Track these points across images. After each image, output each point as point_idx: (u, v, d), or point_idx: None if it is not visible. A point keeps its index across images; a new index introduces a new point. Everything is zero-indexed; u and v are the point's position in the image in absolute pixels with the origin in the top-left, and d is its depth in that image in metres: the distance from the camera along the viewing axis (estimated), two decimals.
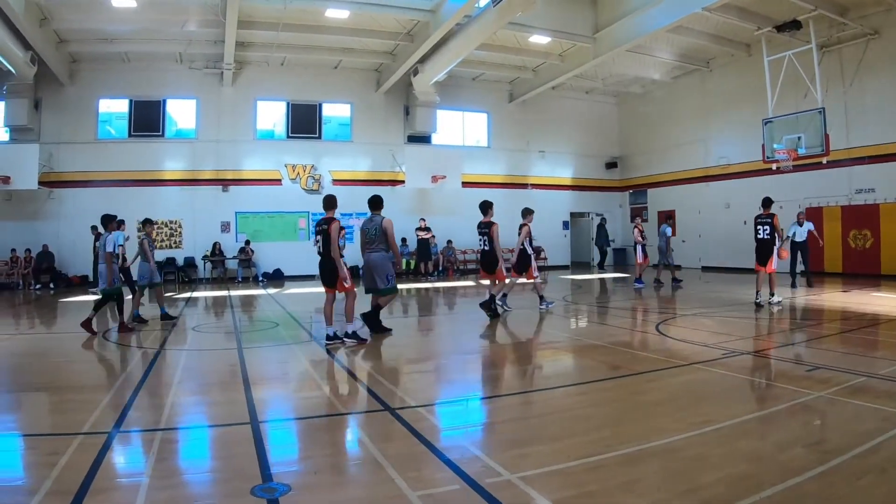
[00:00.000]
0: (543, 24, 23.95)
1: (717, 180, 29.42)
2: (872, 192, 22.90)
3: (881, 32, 22.21)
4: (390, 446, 5.54)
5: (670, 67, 29.98)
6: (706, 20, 23.12)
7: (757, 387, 7.73)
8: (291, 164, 27.82)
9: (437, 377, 9.03)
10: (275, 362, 10.07)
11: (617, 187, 36.01)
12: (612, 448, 5.35)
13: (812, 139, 21.03)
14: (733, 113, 28.01)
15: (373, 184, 27.95)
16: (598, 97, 34.72)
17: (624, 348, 10.75)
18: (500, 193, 28.48)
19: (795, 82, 22.13)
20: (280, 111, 28.13)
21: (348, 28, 23.82)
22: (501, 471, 4.84)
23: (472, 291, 21.83)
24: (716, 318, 14.33)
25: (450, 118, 31.01)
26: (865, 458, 5.02)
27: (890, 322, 12.93)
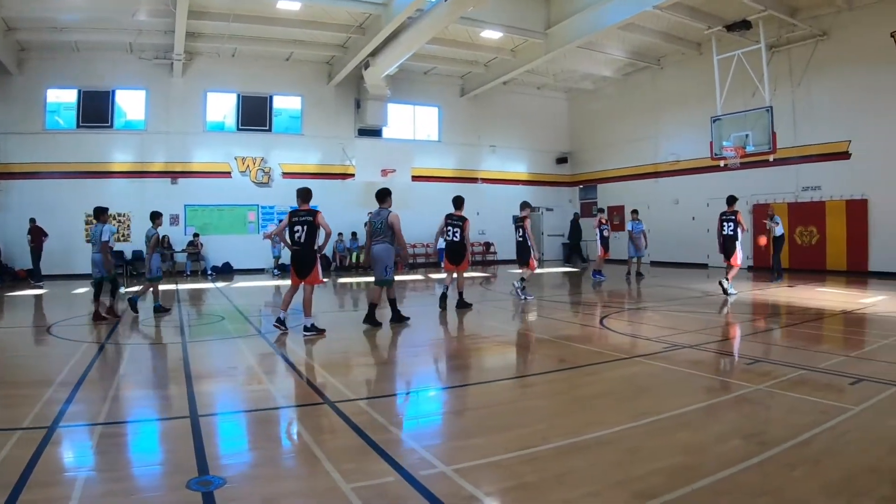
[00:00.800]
0: (495, 20, 23.94)
1: (666, 176, 29.70)
2: (818, 189, 23.24)
3: (830, 34, 22.50)
4: (327, 439, 5.52)
5: (621, 64, 30.14)
6: (658, 18, 23.29)
7: (697, 380, 7.75)
8: (241, 157, 27.46)
9: (380, 371, 8.99)
10: (219, 356, 9.98)
11: (567, 182, 36.19)
12: (549, 440, 5.36)
13: (760, 137, 21.28)
14: (683, 110, 28.25)
15: (323, 177, 27.94)
16: (549, 93, 34.81)
17: (568, 342, 10.75)
18: (450, 187, 28.58)
19: (744, 81, 22.39)
20: (230, 103, 27.73)
21: (300, 20, 23.56)
22: (437, 463, 4.84)
23: (422, 285, 21.78)
24: (661, 312, 14.43)
25: (401, 112, 30.89)
26: (800, 450, 5.08)
27: (832, 317, 13.14)
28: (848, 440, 5.35)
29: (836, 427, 5.62)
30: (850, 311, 13.64)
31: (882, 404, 6.31)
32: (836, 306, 14.46)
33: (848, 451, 5.08)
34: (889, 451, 5.07)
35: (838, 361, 8.39)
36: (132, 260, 25.03)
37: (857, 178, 21.94)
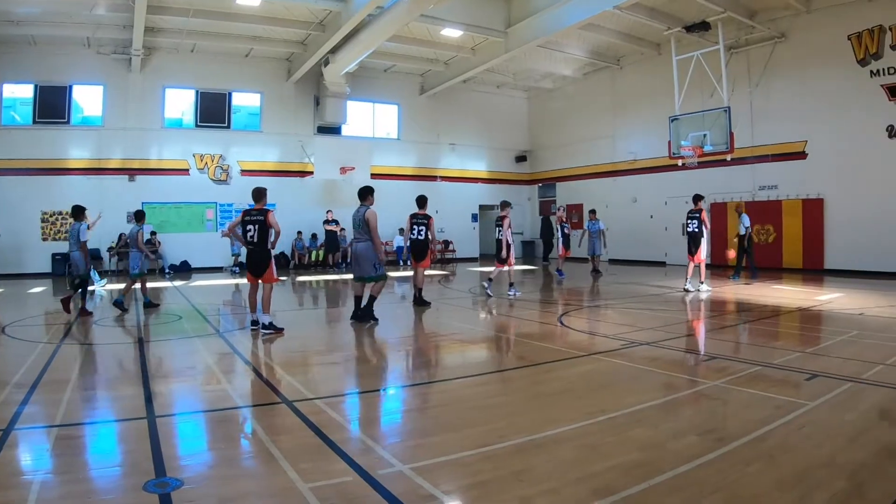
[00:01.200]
0: (456, 18, 23.87)
1: (624, 175, 29.87)
2: (775, 188, 23.56)
3: (788, 36, 22.81)
4: (285, 439, 5.44)
5: (581, 64, 30.24)
6: (617, 19, 23.41)
7: (654, 376, 7.75)
8: (199, 154, 27.09)
9: (338, 369, 8.87)
10: (176, 356, 9.81)
11: (526, 181, 36.28)
12: (508, 438, 5.35)
13: (717, 137, 21.49)
14: (642, 110, 28.44)
15: (281, 175, 27.77)
16: (508, 91, 34.88)
17: (527, 339, 10.82)
18: (409, 185, 28.66)
19: (703, 81, 22.59)
20: (189, 99, 27.34)
21: (260, 16, 23.31)
22: (395, 462, 4.81)
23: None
24: (619, 309, 14.51)
25: (360, 109, 30.73)
26: (756, 446, 5.11)
27: (789, 314, 13.27)
28: (803, 435, 5.39)
29: (792, 422, 5.67)
30: (805, 308, 13.82)
31: (837, 399, 6.38)
32: (793, 303, 14.62)
33: (803, 446, 5.12)
34: (844, 446, 5.11)
35: (794, 357, 8.48)
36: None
37: (813, 178, 22.27)
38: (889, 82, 20.14)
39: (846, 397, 6.48)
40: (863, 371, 7.52)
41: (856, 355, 8.53)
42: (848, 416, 5.88)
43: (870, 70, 20.58)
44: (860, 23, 20.69)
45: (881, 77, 20.33)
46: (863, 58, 20.70)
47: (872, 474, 4.53)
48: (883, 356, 8.30)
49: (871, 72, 20.56)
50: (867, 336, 10.07)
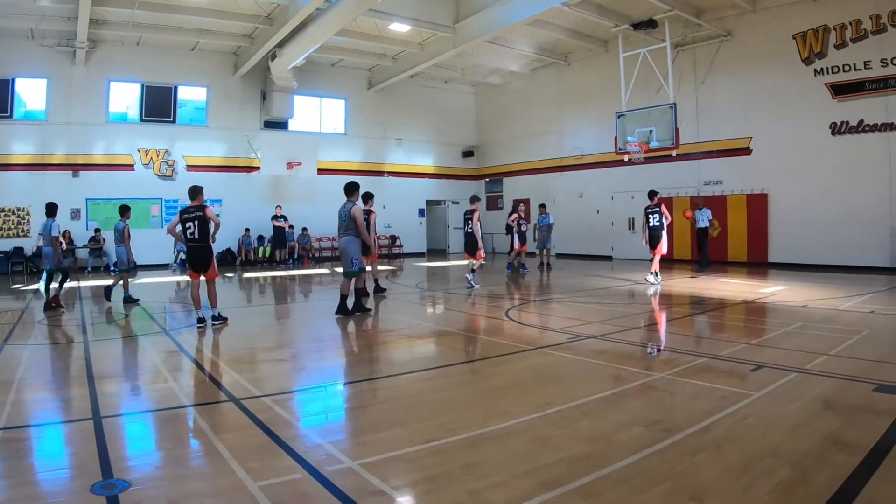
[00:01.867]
0: (404, 12, 23.83)
1: (571, 170, 30.09)
2: (720, 183, 23.87)
3: (734, 34, 23.17)
4: (233, 437, 5.37)
5: (529, 60, 30.36)
6: (565, 15, 23.53)
7: (601, 369, 7.80)
8: (145, 149, 26.60)
9: (286, 366, 8.76)
10: (122, 355, 9.66)
11: (473, 176, 36.35)
12: (456, 432, 5.34)
13: (663, 133, 21.69)
14: (589, 106, 28.65)
15: (228, 170, 27.53)
16: (456, 87, 34.93)
17: (474, 334, 10.86)
18: (356, 180, 28.30)
19: (649, 78, 22.86)
20: (134, 93, 26.84)
21: (206, 9, 22.98)
22: (343, 458, 4.79)
23: (329, 279, 21.54)
24: (567, 303, 14.56)
25: (307, 104, 30.49)
26: (702, 436, 5.18)
27: (733, 306, 13.49)
28: (748, 425, 5.45)
29: (737, 412, 5.74)
30: (750, 301, 14.01)
31: (780, 390, 6.47)
32: (738, 296, 14.82)
33: (748, 436, 5.17)
34: (788, 435, 5.17)
35: (739, 349, 8.59)
36: (32, 256, 23.91)
37: (757, 174, 22.63)
38: (833, 81, 20.53)
39: (790, 387, 6.57)
40: (806, 361, 7.64)
41: (800, 346, 8.65)
42: (792, 405, 5.96)
43: (814, 69, 20.96)
44: (805, 22, 21.08)
45: (825, 76, 20.71)
46: (807, 57, 21.08)
47: (816, 462, 4.58)
48: (826, 347, 8.42)
49: (815, 70, 20.94)
50: (811, 327, 10.21)
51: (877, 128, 19.74)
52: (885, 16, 19.28)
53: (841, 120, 20.46)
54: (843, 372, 7.15)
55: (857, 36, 19.94)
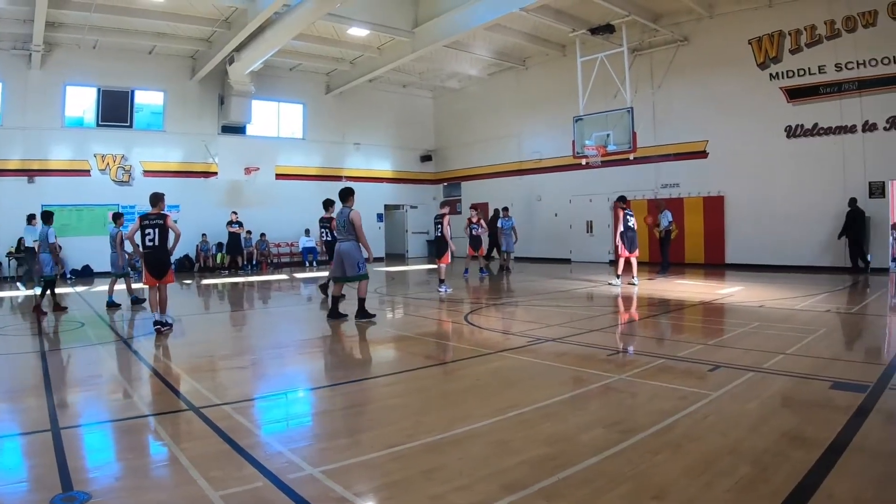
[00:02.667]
0: (363, 17, 23.79)
1: (529, 174, 30.26)
2: (677, 186, 24.17)
3: (691, 39, 23.49)
4: (194, 446, 5.31)
5: (487, 64, 30.44)
6: (524, 20, 23.58)
7: (561, 372, 7.81)
8: (101, 154, 26.22)
9: (245, 374, 8.64)
10: (79, 364, 9.46)
11: (431, 180, 36.42)
12: (417, 437, 5.33)
13: (620, 136, 21.83)
14: (546, 110, 28.80)
15: (185, 175, 27.24)
16: (414, 91, 34.96)
17: (434, 338, 10.85)
18: (314, 186, 28.61)
19: (607, 83, 22.97)
20: (90, 98, 26.45)
21: (164, 12, 22.77)
22: (305, 465, 4.75)
23: (287, 285, 21.41)
24: (526, 306, 14.61)
25: (265, 109, 30.31)
26: (662, 436, 5.22)
27: (692, 307, 13.63)
28: (708, 424, 5.50)
29: (697, 412, 5.79)
30: (708, 302, 14.17)
31: (738, 389, 6.54)
32: (696, 297, 15.00)
33: (708, 435, 5.23)
34: (747, 433, 5.23)
35: (697, 349, 8.68)
36: None
37: (714, 176, 22.97)
38: (788, 85, 20.91)
39: (748, 386, 6.64)
40: (763, 361, 7.72)
41: (757, 346, 8.75)
42: (750, 404, 6.02)
43: (769, 73, 21.36)
44: (761, 28, 21.48)
45: (780, 80, 21.10)
46: (763, 61, 21.45)
47: (775, 459, 4.63)
48: (783, 346, 8.52)
49: (770, 75, 21.34)
50: (767, 327, 10.33)
51: (831, 131, 20.14)
52: (839, 21, 19.69)
53: (796, 123, 20.85)
54: (799, 370, 7.24)
55: (812, 41, 20.32)
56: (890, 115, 19.07)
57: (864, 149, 19.66)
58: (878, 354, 8.90)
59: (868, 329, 10.99)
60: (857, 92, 19.62)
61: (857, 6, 19.40)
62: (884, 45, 18.97)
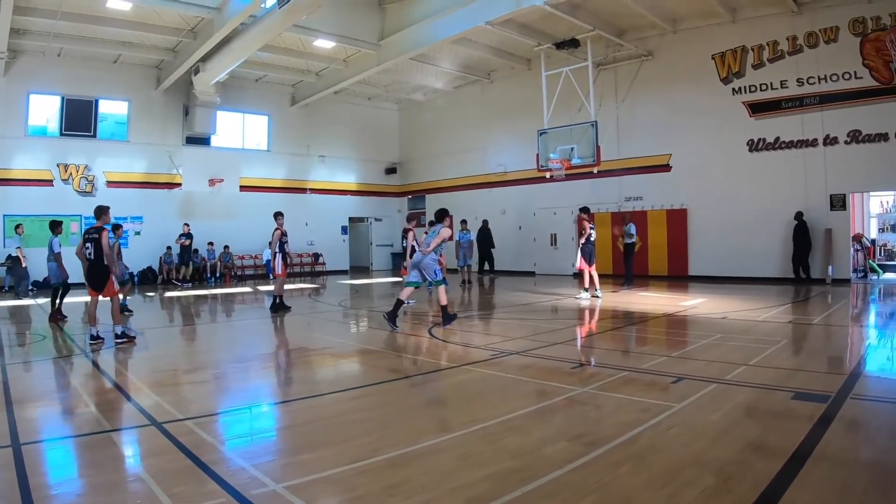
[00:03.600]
0: (329, 29, 23.77)
1: (494, 187, 30.35)
2: (641, 199, 24.39)
3: (655, 54, 23.78)
4: (156, 462, 5.23)
5: (452, 77, 30.50)
6: (489, 34, 23.58)
7: (525, 385, 7.80)
8: (64, 164, 25.88)
9: (207, 388, 8.53)
10: (41, 378, 9.26)
11: (396, 193, 36.43)
12: (381, 451, 5.30)
13: (585, 150, 21.96)
14: (511, 123, 28.92)
15: (149, 186, 26.97)
16: (380, 103, 34.98)
17: (398, 352, 10.76)
18: (278, 198, 28.36)
19: (571, 96, 23.11)
20: (54, 106, 26.06)
21: (130, 21, 22.49)
22: (268, 481, 4.70)
23: (251, 298, 21.25)
24: (490, 319, 14.68)
25: (230, 120, 30.13)
26: (625, 448, 5.23)
27: (655, 319, 13.73)
28: (671, 436, 5.53)
29: (660, 424, 5.83)
30: (671, 314, 14.26)
31: (702, 400, 6.60)
32: (659, 309, 15.10)
33: (671, 447, 5.26)
34: (710, 444, 5.27)
35: (661, 361, 8.73)
36: None
37: (677, 189, 23.22)
38: (750, 99, 21.23)
39: (711, 398, 6.70)
40: (727, 372, 7.79)
41: (720, 357, 8.84)
42: (713, 415, 6.07)
43: (732, 88, 21.69)
44: (724, 43, 21.83)
45: (743, 94, 21.42)
46: (726, 76, 21.76)
47: (739, 469, 4.67)
48: (745, 357, 8.59)
49: (733, 89, 21.67)
50: (730, 339, 10.42)
51: (793, 144, 20.47)
52: (801, 37, 20.03)
53: (758, 137, 21.17)
54: (762, 381, 7.30)
55: (775, 56, 20.63)
56: (850, 129, 19.40)
57: (825, 162, 19.97)
58: (839, 365, 8.98)
59: (830, 340, 11.13)
60: (818, 106, 19.94)
61: (819, 22, 19.76)
62: (845, 60, 19.33)
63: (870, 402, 6.63)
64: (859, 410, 6.32)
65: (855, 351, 10.07)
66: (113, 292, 11.64)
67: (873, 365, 8.76)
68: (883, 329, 12.25)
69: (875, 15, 18.82)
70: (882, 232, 24.20)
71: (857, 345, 10.69)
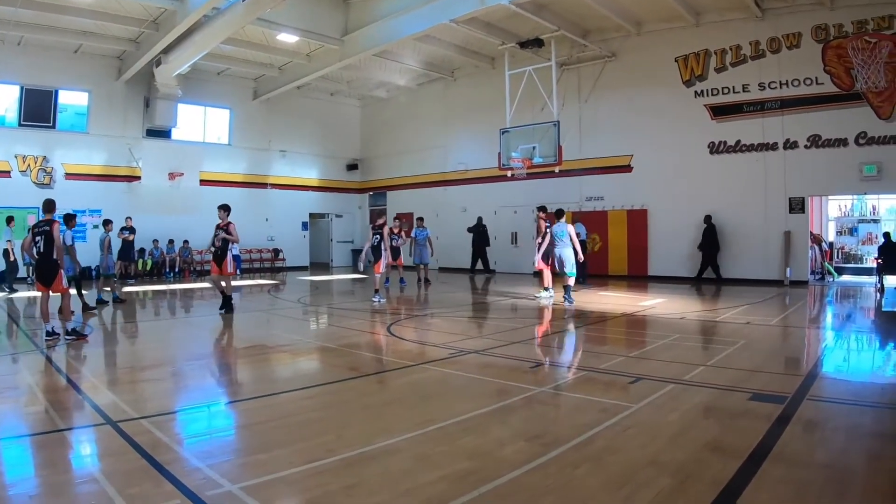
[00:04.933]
0: (292, 23, 23.59)
1: (455, 185, 30.36)
2: (601, 199, 24.51)
3: (618, 56, 23.91)
4: (111, 462, 5.10)
5: (416, 74, 30.46)
6: (454, 32, 23.58)
7: (483, 384, 7.75)
8: (22, 155, 25.37)
9: (163, 386, 8.34)
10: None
11: (357, 189, 36.37)
12: (336, 452, 5.22)
13: (547, 149, 22.02)
14: (474, 121, 28.93)
15: (108, 179, 26.59)
16: (342, 99, 34.89)
17: (355, 350, 10.65)
18: (239, 192, 28.27)
19: (534, 96, 23.15)
20: (12, 96, 25.59)
21: (91, 10, 22.20)
22: (223, 482, 4.61)
23: (210, 294, 21.00)
24: (449, 318, 14.57)
25: (191, 113, 29.87)
26: (583, 449, 5.20)
27: (614, 319, 13.77)
28: (629, 436, 5.51)
29: (618, 424, 5.80)
30: (630, 314, 14.32)
31: (659, 400, 6.59)
32: (618, 309, 15.17)
33: (629, 447, 5.24)
34: (667, 445, 5.25)
35: (619, 362, 8.72)
36: None
37: (638, 190, 23.34)
38: (712, 102, 21.45)
39: (669, 398, 6.69)
40: (685, 373, 7.80)
41: (678, 358, 8.87)
42: (671, 416, 6.07)
43: (694, 91, 21.90)
44: (687, 46, 22.02)
45: (705, 97, 21.62)
46: (688, 79, 21.94)
47: (696, 469, 4.68)
48: (703, 358, 8.66)
49: (695, 92, 21.87)
50: (688, 339, 10.51)
51: (753, 147, 20.69)
52: (764, 42, 20.25)
53: (719, 140, 21.35)
54: (720, 382, 7.32)
55: (737, 60, 20.86)
56: (810, 133, 19.66)
57: (785, 165, 20.20)
58: (796, 366, 9.03)
59: (787, 341, 11.19)
60: (779, 111, 20.18)
61: (782, 28, 20.00)
62: (806, 66, 19.58)
63: (826, 403, 6.64)
64: (816, 411, 6.34)
65: (812, 352, 10.15)
66: (62, 288, 11.41)
67: (830, 366, 8.82)
68: (839, 331, 12.36)
69: (837, 22, 19.08)
70: (840, 235, 24.63)
71: (814, 346, 10.77)
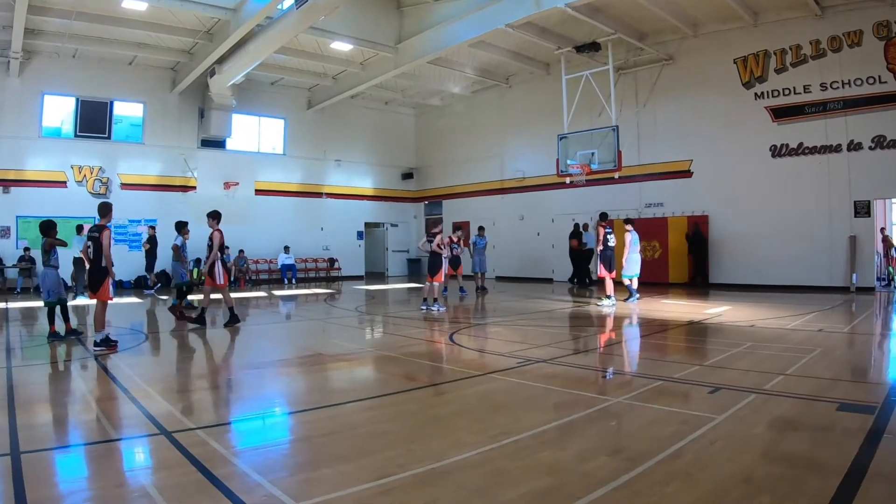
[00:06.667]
0: (346, 31, 23.68)
1: (512, 193, 30.16)
2: (661, 206, 24.11)
3: (676, 59, 23.58)
4: (165, 476, 4.91)
5: (470, 82, 30.39)
6: (508, 37, 23.48)
7: (554, 395, 7.52)
8: (78, 166, 25.77)
9: (220, 395, 8.27)
10: (48, 382, 9.00)
11: (412, 198, 36.38)
12: (406, 467, 4.96)
13: (605, 155, 21.74)
14: (530, 128, 28.83)
15: (163, 189, 26.89)
16: (397, 108, 34.95)
17: (418, 359, 10.46)
18: (293, 202, 28.40)
19: (591, 101, 22.98)
20: (69, 107, 25.97)
21: (145, 22, 22.41)
22: (286, 499, 4.34)
23: (265, 302, 21.03)
24: (510, 326, 14.32)
25: (246, 123, 30.06)
26: (670, 464, 4.91)
27: (679, 328, 13.41)
28: (716, 450, 5.22)
29: (702, 437, 5.50)
30: (696, 322, 13.92)
31: (742, 412, 6.27)
32: (683, 317, 14.78)
33: (718, 462, 4.95)
34: (758, 460, 4.96)
35: (694, 371, 8.41)
36: None
37: (698, 196, 22.94)
38: (773, 104, 20.97)
39: (752, 409, 6.37)
40: (764, 382, 7.49)
41: (754, 366, 8.55)
42: (757, 428, 5.76)
43: (754, 93, 21.46)
44: (746, 48, 21.60)
45: (765, 99, 21.15)
46: (748, 81, 21.51)
47: (793, 487, 4.38)
48: (781, 366, 8.31)
49: (755, 94, 21.42)
50: (761, 347, 10.14)
51: (816, 150, 20.22)
52: (824, 41, 19.77)
53: (781, 142, 20.89)
54: (802, 392, 7.01)
55: (798, 60, 20.37)
56: (875, 134, 19.15)
57: (848, 168, 19.71)
58: (878, 374, 8.75)
59: (863, 348, 10.82)
60: (842, 111, 19.69)
61: (842, 26, 19.50)
62: (869, 64, 19.08)
63: None
64: None
65: (892, 360, 9.81)
66: (105, 296, 11.07)
67: None
68: None
69: None
70: None
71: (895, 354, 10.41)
